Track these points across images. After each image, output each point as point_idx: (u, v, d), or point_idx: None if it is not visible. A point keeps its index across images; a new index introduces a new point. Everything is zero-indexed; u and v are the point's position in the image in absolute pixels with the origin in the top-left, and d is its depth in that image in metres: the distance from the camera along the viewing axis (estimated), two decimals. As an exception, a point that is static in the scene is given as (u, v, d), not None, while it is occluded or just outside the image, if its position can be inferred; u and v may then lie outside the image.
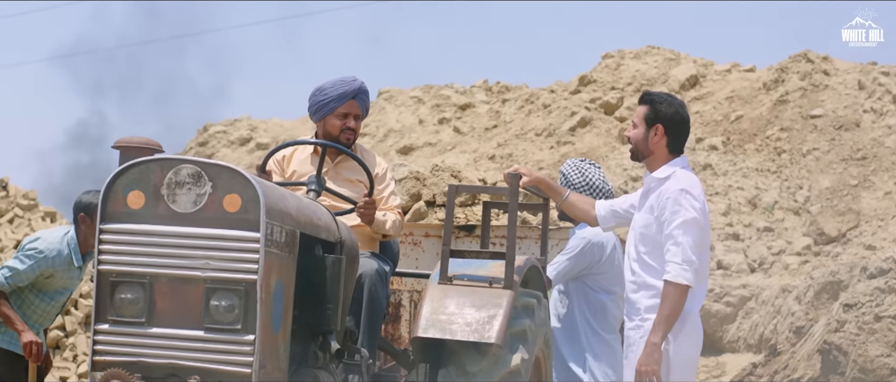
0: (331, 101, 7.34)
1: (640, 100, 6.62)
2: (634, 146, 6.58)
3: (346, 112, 7.35)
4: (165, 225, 5.63)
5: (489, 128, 25.88)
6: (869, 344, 12.13)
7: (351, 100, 7.37)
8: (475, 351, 6.26)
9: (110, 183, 5.68)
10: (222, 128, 29.04)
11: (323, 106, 7.36)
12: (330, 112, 7.35)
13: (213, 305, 5.58)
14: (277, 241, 5.68)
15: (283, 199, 5.90)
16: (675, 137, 6.53)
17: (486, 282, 6.45)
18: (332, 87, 7.37)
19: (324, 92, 7.38)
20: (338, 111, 7.35)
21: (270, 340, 5.67)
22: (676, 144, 6.54)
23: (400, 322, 8.44)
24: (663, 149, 6.52)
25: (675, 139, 6.54)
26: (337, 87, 7.36)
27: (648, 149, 6.53)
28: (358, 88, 7.40)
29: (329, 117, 7.36)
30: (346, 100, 7.35)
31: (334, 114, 7.35)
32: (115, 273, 5.65)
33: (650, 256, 6.43)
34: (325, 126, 7.39)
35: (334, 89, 7.36)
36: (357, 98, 7.39)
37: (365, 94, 7.46)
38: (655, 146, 6.51)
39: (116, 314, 5.64)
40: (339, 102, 7.34)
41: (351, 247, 6.59)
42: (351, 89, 7.37)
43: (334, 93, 7.34)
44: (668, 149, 6.52)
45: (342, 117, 7.35)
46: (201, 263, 5.59)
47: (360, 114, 7.42)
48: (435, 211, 11.94)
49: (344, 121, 7.34)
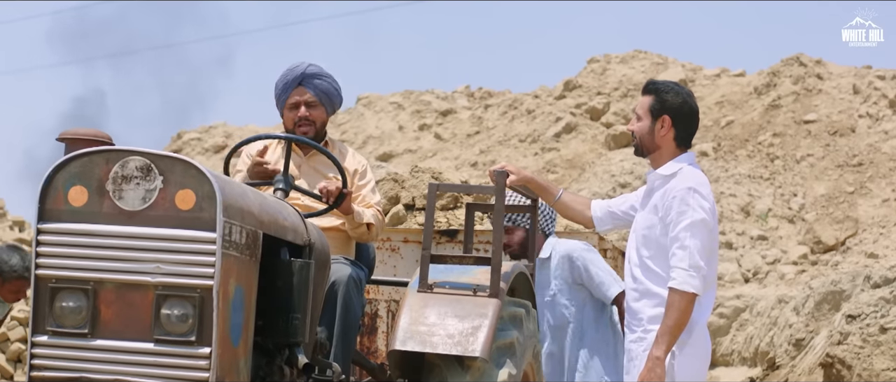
0: (281, 93, 7.03)
1: (643, 89, 6.26)
2: (639, 140, 6.21)
3: (296, 101, 6.98)
4: (110, 224, 5.20)
5: (471, 135, 26.11)
6: (874, 357, 11.87)
7: (297, 87, 6.99)
8: (458, 366, 5.93)
9: (49, 178, 5.25)
10: (197, 136, 29.18)
11: (277, 99, 7.06)
12: (282, 104, 7.02)
13: (165, 314, 5.17)
14: (237, 243, 5.28)
15: (244, 196, 5.48)
16: (684, 129, 6.17)
17: (470, 290, 6.11)
18: (281, 78, 7.05)
19: (276, 85, 7.07)
20: (288, 102, 7.00)
21: (229, 353, 5.27)
22: (685, 137, 6.18)
23: (376, 334, 8.25)
24: (670, 143, 6.16)
25: (684, 131, 6.17)
26: (285, 76, 7.03)
27: (654, 143, 6.16)
28: (301, 73, 7.00)
29: (284, 111, 7.03)
30: (290, 89, 6.99)
31: (286, 107, 7.01)
32: (54, 278, 5.23)
33: (654, 261, 6.07)
34: (284, 122, 7.08)
35: (282, 79, 7.03)
36: (303, 83, 7.00)
37: (313, 76, 7.03)
38: (662, 139, 6.15)
39: (56, 324, 5.22)
40: (285, 93, 7.01)
41: (321, 251, 6.21)
42: (293, 76, 7.00)
43: (282, 83, 7.03)
44: (676, 142, 6.17)
45: (292, 108, 6.99)
46: (151, 267, 5.18)
47: (314, 99, 7.00)
48: (414, 215, 11.69)
49: (295, 113, 6.97)
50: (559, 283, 7.70)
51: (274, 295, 5.74)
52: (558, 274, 7.69)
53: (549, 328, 7.68)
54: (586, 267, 7.66)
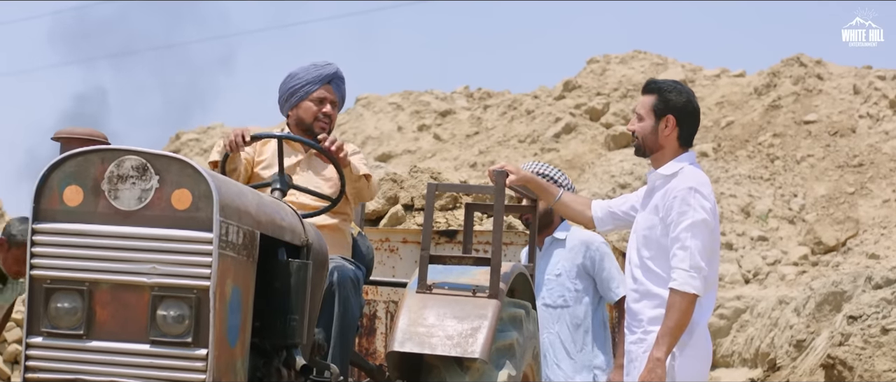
0: (305, 84, 6.89)
1: (644, 89, 6.19)
2: (641, 141, 6.14)
3: (323, 96, 6.90)
4: (106, 224, 5.12)
5: (470, 135, 26.09)
6: (876, 359, 11.84)
7: (327, 84, 6.93)
8: (457, 367, 5.90)
9: (44, 177, 5.18)
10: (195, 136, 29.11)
11: (296, 91, 6.92)
12: (304, 96, 6.89)
13: (161, 315, 5.09)
14: (234, 243, 5.21)
15: (241, 196, 5.41)
16: (687, 129, 6.13)
17: (470, 291, 6.07)
18: (306, 71, 6.93)
19: (296, 77, 6.93)
20: (313, 95, 6.89)
21: (226, 355, 5.20)
22: (688, 137, 6.14)
23: (375, 336, 8.17)
24: (674, 143, 6.11)
25: (687, 130, 6.13)
26: (311, 71, 6.93)
27: (657, 143, 6.11)
28: (334, 73, 6.96)
29: (303, 102, 6.90)
30: (319, 84, 6.91)
31: (309, 99, 6.89)
32: (49, 279, 5.15)
33: (654, 261, 6.01)
34: (297, 112, 6.92)
35: (308, 73, 6.92)
36: (332, 83, 6.95)
37: (341, 81, 7.02)
38: (666, 139, 6.10)
39: (51, 325, 5.14)
40: (314, 85, 6.90)
41: (319, 251, 6.13)
42: (327, 73, 6.93)
43: (308, 77, 6.90)
44: (680, 141, 6.12)
45: (318, 102, 6.90)
46: (147, 268, 5.10)
47: (336, 100, 6.97)
48: (413, 216, 11.61)
49: (320, 107, 6.89)
50: (569, 266, 7.61)
51: (271, 296, 5.67)
52: (571, 257, 7.60)
53: (543, 307, 7.59)
54: (602, 258, 7.59)
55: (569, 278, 7.60)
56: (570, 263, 7.58)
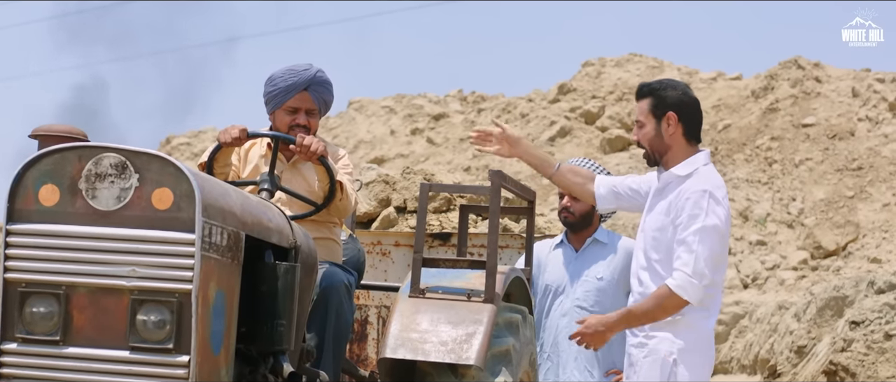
0: (279, 93, 6.70)
1: (638, 94, 6.06)
2: (649, 147, 5.98)
3: (296, 106, 6.70)
4: (83, 225, 5.01)
5: (464, 139, 26.26)
6: (879, 365, 11.82)
7: (302, 92, 6.70)
8: (451, 374, 5.80)
9: (19, 176, 5.06)
10: (186, 140, 29.23)
11: (271, 98, 6.75)
12: (278, 106, 6.71)
13: (141, 320, 4.97)
14: (217, 244, 5.09)
15: (225, 196, 5.28)
16: (690, 122, 5.97)
17: (464, 295, 5.96)
18: (282, 78, 6.73)
19: (273, 82, 6.75)
20: (286, 105, 6.70)
21: (209, 362, 5.09)
22: (693, 130, 5.99)
23: (366, 342, 8.04)
24: (681, 139, 5.95)
25: (690, 125, 5.97)
26: (286, 78, 6.71)
27: (664, 145, 5.96)
28: (310, 78, 6.73)
29: (278, 111, 6.73)
30: (294, 92, 6.69)
31: (282, 109, 6.71)
32: (24, 282, 5.03)
33: (662, 265, 5.88)
34: (274, 120, 6.77)
35: (284, 80, 6.71)
36: (309, 89, 6.72)
37: (321, 85, 6.78)
38: (671, 138, 5.94)
39: (26, 330, 5.03)
40: (286, 95, 6.70)
41: (308, 255, 6.03)
42: (301, 80, 6.71)
43: (284, 84, 6.70)
44: (686, 137, 5.96)
45: (291, 112, 6.70)
46: (126, 270, 4.98)
47: (315, 108, 6.76)
48: (406, 219, 11.53)
49: (293, 117, 6.70)
50: (617, 275, 7.44)
51: (257, 300, 5.57)
52: (621, 265, 7.43)
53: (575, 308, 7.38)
54: None
55: (610, 285, 7.44)
56: (619, 273, 7.41)
